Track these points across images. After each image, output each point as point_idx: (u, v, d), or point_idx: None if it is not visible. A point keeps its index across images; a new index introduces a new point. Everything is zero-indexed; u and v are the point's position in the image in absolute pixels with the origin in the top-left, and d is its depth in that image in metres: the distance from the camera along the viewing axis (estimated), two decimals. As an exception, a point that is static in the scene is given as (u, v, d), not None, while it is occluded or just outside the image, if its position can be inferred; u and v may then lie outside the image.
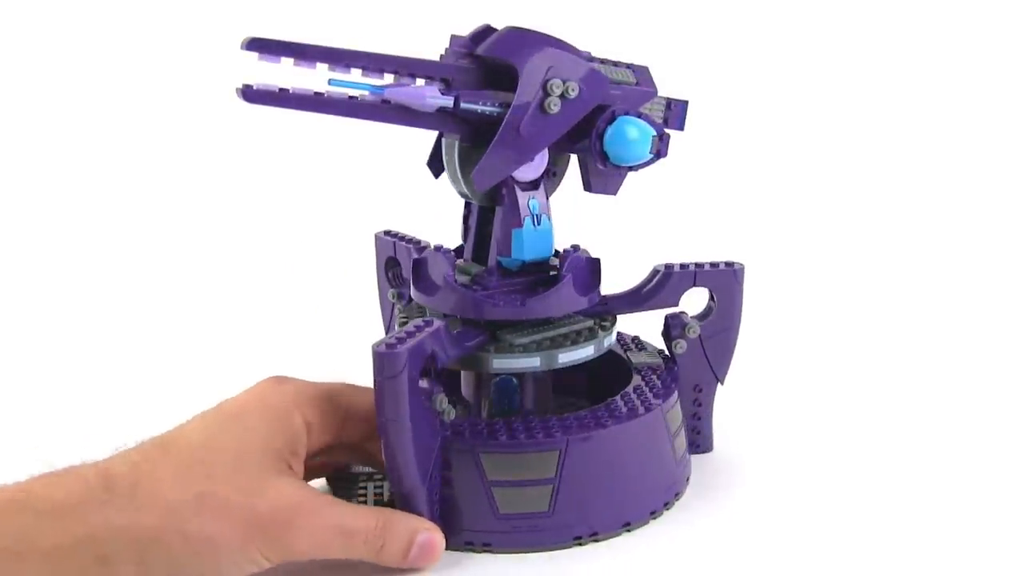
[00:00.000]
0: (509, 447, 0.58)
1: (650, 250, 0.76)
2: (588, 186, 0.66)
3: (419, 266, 0.64)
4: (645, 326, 0.70)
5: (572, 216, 0.70)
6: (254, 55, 0.54)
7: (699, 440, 0.69)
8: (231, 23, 0.57)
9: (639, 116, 0.62)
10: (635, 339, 0.72)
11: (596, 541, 0.59)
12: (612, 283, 0.67)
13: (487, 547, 0.58)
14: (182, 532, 0.50)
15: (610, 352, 0.69)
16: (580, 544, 0.59)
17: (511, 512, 0.58)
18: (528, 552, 0.58)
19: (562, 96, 0.59)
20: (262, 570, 0.53)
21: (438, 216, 0.73)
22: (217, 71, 0.54)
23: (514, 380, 0.64)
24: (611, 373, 0.68)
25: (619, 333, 0.73)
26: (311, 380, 0.58)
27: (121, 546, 0.50)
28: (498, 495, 0.58)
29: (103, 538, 0.49)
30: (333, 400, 0.57)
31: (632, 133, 0.62)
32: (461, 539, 0.58)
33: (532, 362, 0.61)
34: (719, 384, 0.69)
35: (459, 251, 0.66)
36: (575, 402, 0.69)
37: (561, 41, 0.61)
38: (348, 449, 0.61)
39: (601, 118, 0.61)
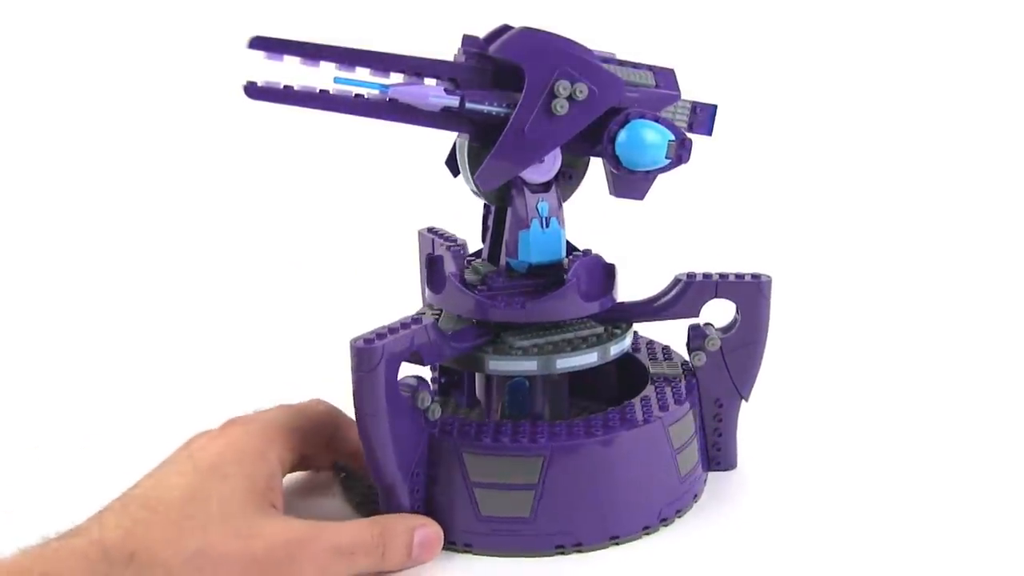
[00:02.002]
0: (492, 449, 0.57)
1: (689, 257, 0.74)
2: (613, 190, 0.64)
3: (433, 263, 0.64)
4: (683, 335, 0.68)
5: (602, 220, 0.69)
6: (261, 54, 0.56)
7: (720, 457, 0.67)
8: (248, 23, 0.58)
9: (656, 120, 0.61)
10: (665, 348, 0.70)
11: (580, 552, 0.58)
12: (642, 290, 0.66)
13: (468, 547, 0.58)
14: None
15: (635, 360, 0.68)
16: (563, 553, 0.58)
17: (492, 515, 0.58)
18: (509, 556, 0.58)
19: (570, 98, 0.59)
20: None
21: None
22: (232, 71, 0.56)
23: (526, 382, 0.64)
24: (638, 381, 0.67)
25: (652, 341, 0.71)
26: (271, 409, 0.60)
27: None
28: (480, 496, 0.58)
29: None
30: (299, 429, 0.58)
31: (646, 137, 0.60)
32: (444, 537, 0.58)
33: (529, 365, 0.60)
34: (743, 401, 0.66)
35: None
36: (591, 406, 0.68)
37: (573, 42, 0.60)
38: (312, 463, 0.62)
39: (614, 121, 0.60)
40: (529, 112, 0.58)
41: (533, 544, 0.58)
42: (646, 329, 0.71)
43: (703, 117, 0.64)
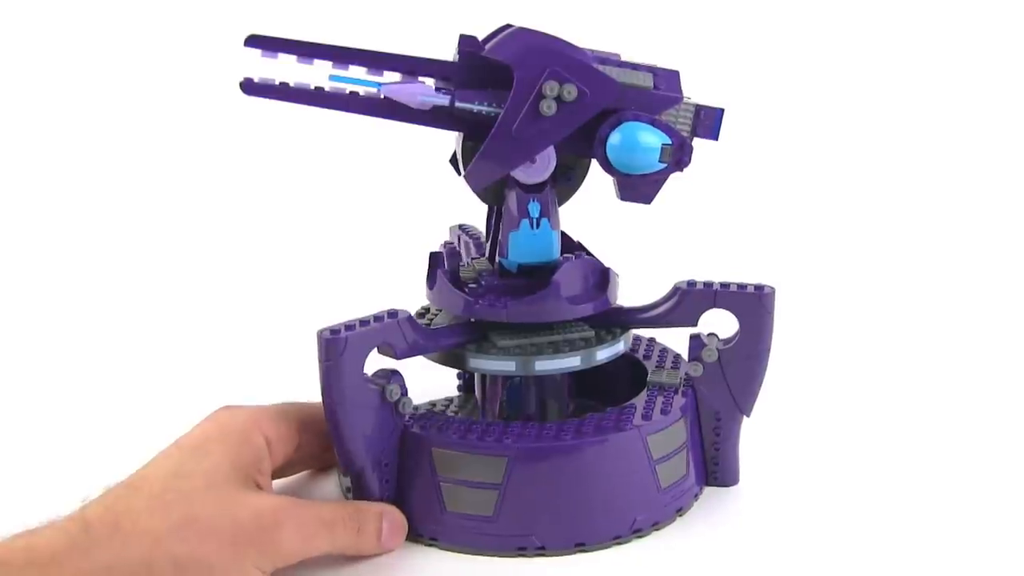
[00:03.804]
0: (459, 446, 0.58)
1: (702, 263, 0.72)
2: (618, 193, 0.63)
3: (433, 260, 0.65)
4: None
5: (609, 223, 0.68)
6: (257, 51, 0.58)
7: (718, 472, 0.64)
8: (245, 21, 0.60)
9: (652, 122, 0.59)
10: (676, 357, 0.68)
11: (543, 556, 0.58)
12: (651, 295, 0.65)
13: (434, 541, 0.59)
14: (172, 559, 0.50)
15: (641, 365, 0.67)
16: (525, 555, 0.58)
17: (456, 511, 0.58)
18: (472, 554, 0.58)
19: (558, 99, 0.58)
20: None
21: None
22: (229, 68, 0.59)
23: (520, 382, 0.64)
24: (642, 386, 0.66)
25: (665, 348, 0.70)
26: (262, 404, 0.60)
27: None
28: (446, 492, 0.58)
29: None
30: (287, 417, 0.59)
31: (639, 140, 0.59)
32: (411, 530, 0.59)
33: (508, 366, 0.60)
34: (744, 416, 0.64)
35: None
36: (596, 406, 0.67)
37: (567, 43, 0.59)
38: (310, 459, 0.63)
39: (606, 122, 0.59)
40: (517, 112, 0.58)
41: (495, 543, 0.58)
42: (665, 336, 0.69)
43: (708, 121, 0.61)
